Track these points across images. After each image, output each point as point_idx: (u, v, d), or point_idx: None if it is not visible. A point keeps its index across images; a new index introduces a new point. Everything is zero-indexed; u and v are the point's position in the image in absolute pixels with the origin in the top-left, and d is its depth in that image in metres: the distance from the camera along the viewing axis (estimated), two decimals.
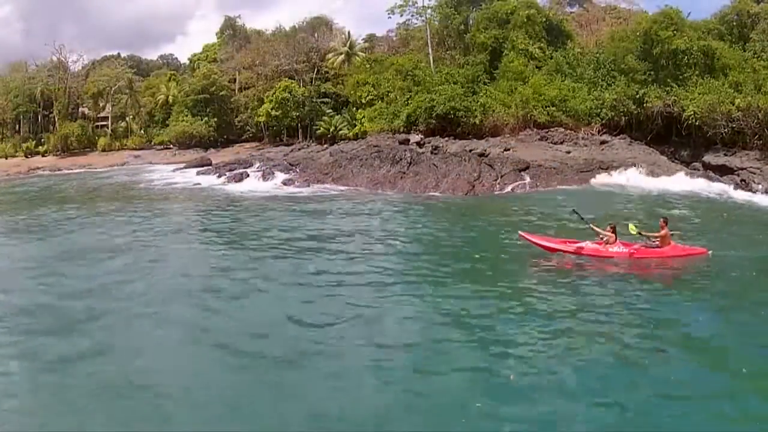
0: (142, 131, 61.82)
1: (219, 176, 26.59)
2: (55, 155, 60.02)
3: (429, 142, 26.25)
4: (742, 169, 23.83)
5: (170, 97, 57.08)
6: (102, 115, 65.30)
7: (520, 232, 11.75)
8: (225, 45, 58.47)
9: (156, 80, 65.27)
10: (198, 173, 29.07)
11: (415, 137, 27.28)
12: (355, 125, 41.49)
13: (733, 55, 29.52)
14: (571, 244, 11.08)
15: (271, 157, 31.83)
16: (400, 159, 23.06)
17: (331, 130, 45.78)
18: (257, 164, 28.47)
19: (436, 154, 24.11)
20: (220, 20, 65.00)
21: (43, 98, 62.30)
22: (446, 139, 27.25)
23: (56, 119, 62.89)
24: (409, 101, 31.35)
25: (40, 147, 62.38)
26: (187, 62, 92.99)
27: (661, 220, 11.30)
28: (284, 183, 24.14)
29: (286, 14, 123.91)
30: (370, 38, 54.32)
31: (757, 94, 26.52)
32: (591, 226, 11.26)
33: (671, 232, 11.12)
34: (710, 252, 11.00)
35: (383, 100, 37.66)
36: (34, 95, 63.20)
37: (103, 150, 59.20)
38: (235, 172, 26.32)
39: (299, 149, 34.40)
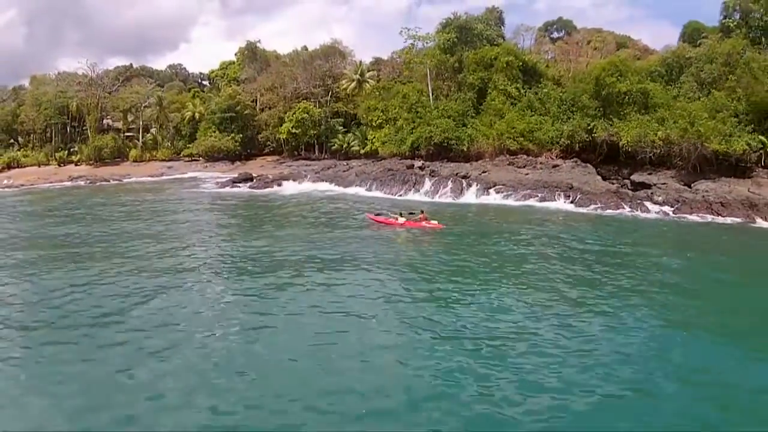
0: (168, 143, 73.78)
1: (265, 186, 38.80)
2: (88, 165, 71.74)
3: (428, 166, 38.46)
4: (654, 185, 35.93)
5: (196, 113, 69.14)
6: (130, 127, 77.39)
7: (366, 214, 25.35)
8: (246, 67, 70.49)
9: (179, 96, 77.44)
10: (251, 186, 41.41)
11: (417, 162, 39.59)
12: (366, 144, 53.77)
13: (663, 95, 41.53)
14: (389, 220, 24.84)
15: (304, 172, 44.16)
16: (408, 180, 35.48)
17: (344, 146, 58.18)
18: (299, 179, 40.76)
19: (433, 176, 36.40)
20: (224, 27, 76.85)
21: (78, 111, 74.04)
22: (441, 163, 39.48)
23: (89, 131, 74.77)
24: (413, 131, 43.67)
25: (72, 156, 74.27)
26: (196, 72, 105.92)
27: (420, 211, 25.03)
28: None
29: (288, 21, 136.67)
30: (377, 62, 66.58)
31: (674, 127, 38.56)
32: (400, 211, 25.49)
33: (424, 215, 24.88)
34: (444, 226, 23.99)
35: (390, 123, 49.84)
36: (66, 108, 74.71)
37: (134, 161, 71.03)
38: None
39: (328, 168, 46.46)
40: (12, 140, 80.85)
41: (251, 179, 45.66)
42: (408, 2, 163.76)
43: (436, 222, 24.52)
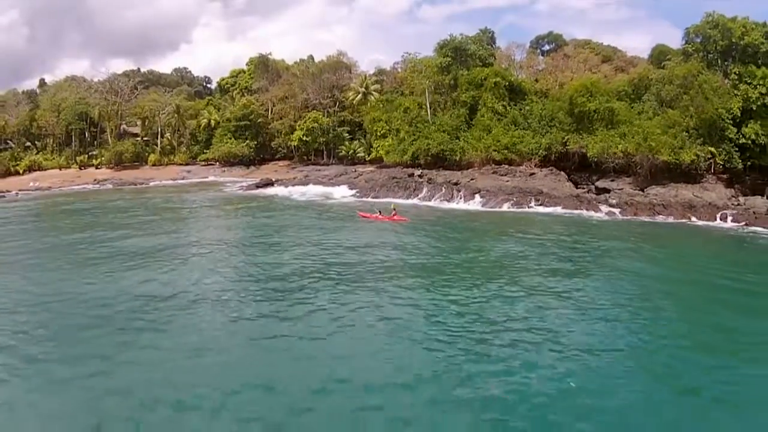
0: (184, 148, 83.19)
1: (286, 189, 48.77)
2: (108, 168, 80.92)
3: (426, 174, 48.41)
4: (613, 190, 45.69)
5: (212, 120, 78.65)
6: (147, 132, 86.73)
7: (357, 212, 36.83)
8: (257, 78, 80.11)
9: (193, 103, 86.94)
10: (273, 190, 51.30)
11: (417, 171, 49.64)
12: (371, 151, 63.54)
13: (627, 113, 51.10)
14: (371, 215, 35.95)
15: (320, 178, 54.06)
16: (409, 186, 45.55)
17: (350, 153, 68.03)
18: (314, 184, 50.63)
19: (430, 183, 46.36)
20: (225, 27, 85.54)
21: (100, 118, 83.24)
22: (436, 171, 49.39)
23: (109, 137, 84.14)
24: (414, 142, 53.57)
25: (93, 160, 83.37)
26: (201, 75, 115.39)
27: (393, 207, 36.44)
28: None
29: (289, 22, 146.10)
30: (380, 72, 76.29)
31: (632, 141, 48.22)
32: (379, 210, 36.59)
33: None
34: (410, 219, 35.28)
35: (393, 134, 59.57)
36: (85, 114, 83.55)
37: (153, 165, 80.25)
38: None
39: (340, 175, 56.22)
40: (29, 143, 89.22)
41: (272, 183, 55.39)
42: (409, 3, 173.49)
43: (401, 216, 35.62)
